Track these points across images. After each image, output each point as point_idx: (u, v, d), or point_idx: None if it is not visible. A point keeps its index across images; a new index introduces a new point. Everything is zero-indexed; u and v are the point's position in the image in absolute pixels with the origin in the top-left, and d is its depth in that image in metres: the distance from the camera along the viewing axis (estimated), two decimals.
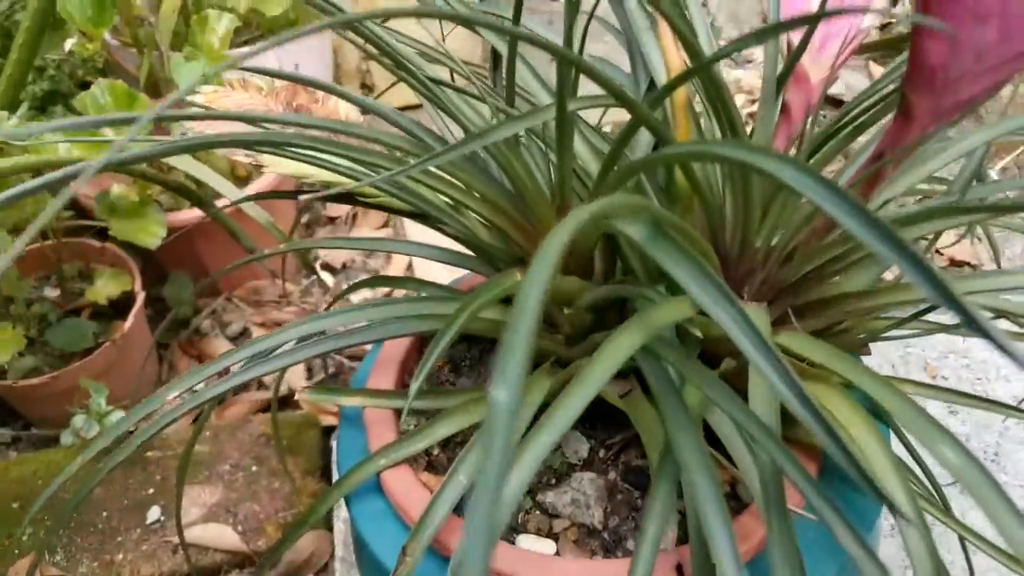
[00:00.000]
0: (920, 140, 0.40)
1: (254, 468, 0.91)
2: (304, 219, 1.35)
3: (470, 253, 0.59)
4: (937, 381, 0.97)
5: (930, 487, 0.57)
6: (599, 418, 0.59)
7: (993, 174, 1.28)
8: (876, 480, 0.41)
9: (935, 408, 0.94)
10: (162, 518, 0.87)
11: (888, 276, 0.55)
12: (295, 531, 0.55)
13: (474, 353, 0.63)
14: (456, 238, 0.58)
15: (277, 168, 0.59)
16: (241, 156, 0.60)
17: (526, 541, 0.52)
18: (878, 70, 1.52)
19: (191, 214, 1.06)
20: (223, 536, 0.85)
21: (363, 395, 0.57)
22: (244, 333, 1.14)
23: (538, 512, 0.54)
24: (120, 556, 0.85)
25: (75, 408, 0.90)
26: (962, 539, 0.51)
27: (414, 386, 0.41)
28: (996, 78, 0.38)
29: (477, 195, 0.53)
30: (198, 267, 1.13)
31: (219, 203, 1.00)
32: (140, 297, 1.00)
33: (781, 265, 0.48)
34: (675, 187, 0.48)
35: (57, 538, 0.85)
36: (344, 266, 1.26)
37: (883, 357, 1.00)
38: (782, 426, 0.53)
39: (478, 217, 0.57)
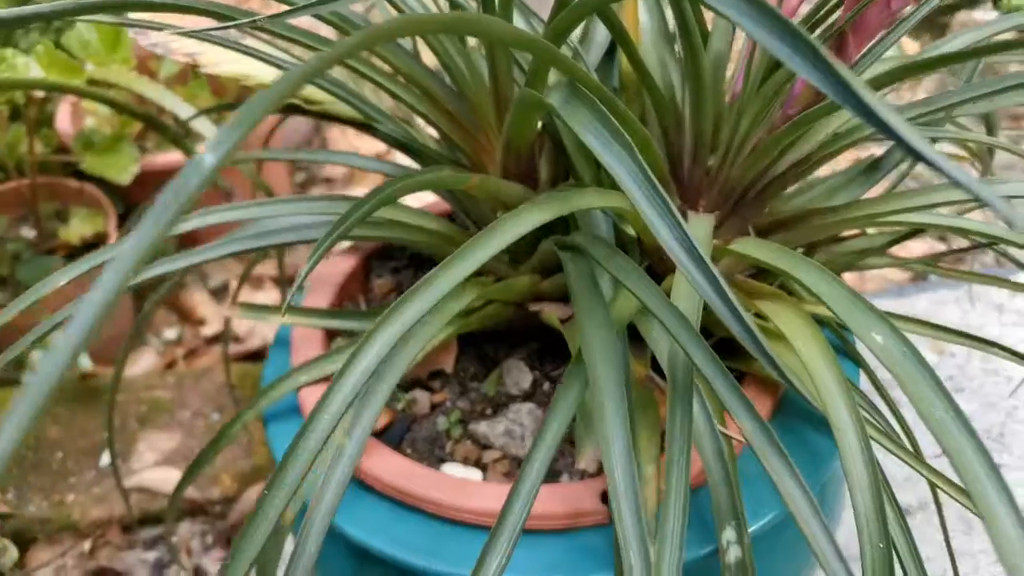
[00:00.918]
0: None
1: (215, 416, 0.87)
2: (299, 180, 1.32)
3: (417, 166, 0.55)
4: (944, 357, 0.91)
5: (902, 434, 0.51)
6: (548, 350, 0.54)
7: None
8: (824, 404, 0.36)
9: None
10: (117, 461, 0.84)
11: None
12: (205, 457, 0.52)
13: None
14: (403, 147, 0.54)
15: (217, 68, 0.56)
16: (181, 56, 0.56)
17: (450, 469, 0.48)
18: None
19: (174, 157, 1.03)
20: (175, 483, 0.81)
21: (294, 313, 0.53)
22: (225, 287, 1.11)
23: (469, 442, 0.50)
24: (71, 497, 0.82)
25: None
26: (933, 488, 0.45)
27: (302, 274, 0.36)
28: None
29: (417, 91, 0.48)
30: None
31: (200, 148, 0.97)
32: (114, 238, 0.97)
33: (739, 165, 0.43)
34: (621, 77, 0.44)
35: (10, 476, 0.83)
36: None
37: None
38: (738, 361, 0.49)
39: (425, 124, 0.53)
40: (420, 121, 0.54)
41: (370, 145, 1.27)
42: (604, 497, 0.42)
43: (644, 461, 0.40)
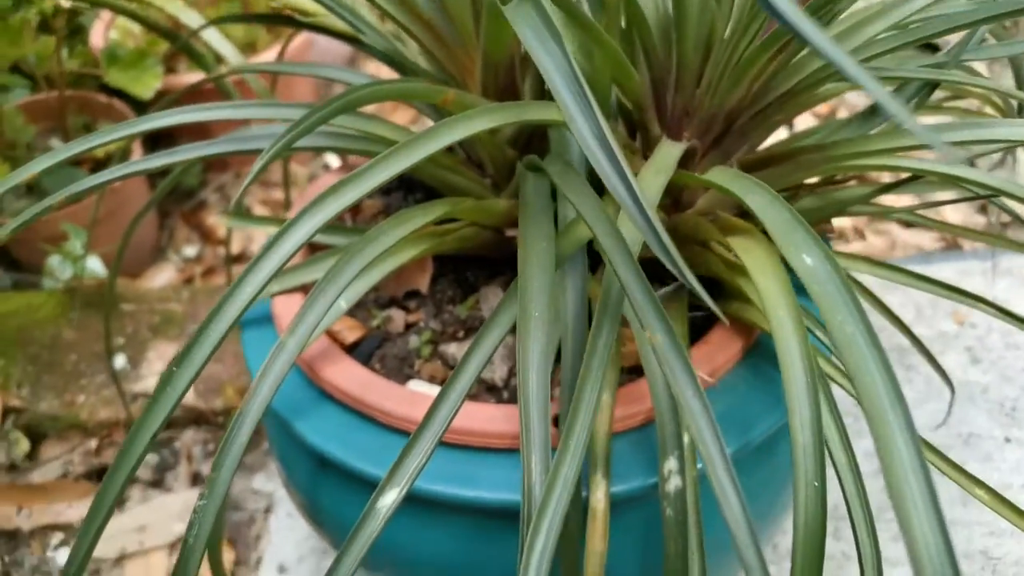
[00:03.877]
0: None
1: None
2: None
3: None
4: (965, 328, 0.88)
5: None
6: None
7: None
8: (772, 329, 0.35)
9: (955, 359, 0.85)
10: (127, 367, 0.87)
11: None
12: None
13: (410, 202, 0.59)
14: (391, 63, 0.53)
15: None
16: None
17: (415, 386, 0.48)
18: None
19: (198, 77, 1.04)
20: None
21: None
22: (248, 210, 1.13)
23: (438, 362, 0.50)
24: (82, 398, 0.85)
25: (53, 250, 0.90)
26: None
27: (252, 173, 0.36)
28: None
29: (403, 4, 0.47)
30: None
31: (222, 69, 0.98)
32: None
33: (720, 91, 0.41)
34: None
35: (25, 374, 0.86)
36: None
37: (908, 298, 0.91)
38: (717, 302, 0.47)
39: (412, 39, 0.52)
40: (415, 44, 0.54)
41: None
42: (556, 420, 0.42)
43: (602, 388, 0.40)
